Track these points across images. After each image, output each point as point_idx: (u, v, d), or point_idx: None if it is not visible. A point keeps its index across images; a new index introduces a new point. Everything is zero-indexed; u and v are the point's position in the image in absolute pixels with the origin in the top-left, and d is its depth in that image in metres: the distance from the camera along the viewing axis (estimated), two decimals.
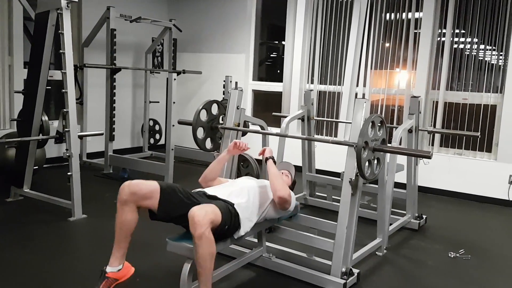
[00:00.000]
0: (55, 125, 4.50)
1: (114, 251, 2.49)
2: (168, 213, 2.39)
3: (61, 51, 3.66)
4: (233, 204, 2.44)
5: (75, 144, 3.74)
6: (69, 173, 3.73)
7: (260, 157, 2.92)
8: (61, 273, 2.82)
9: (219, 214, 2.23)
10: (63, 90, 3.69)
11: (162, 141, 6.66)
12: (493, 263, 3.32)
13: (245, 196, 2.55)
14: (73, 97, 3.75)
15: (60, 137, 3.90)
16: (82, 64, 5.59)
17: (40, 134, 4.06)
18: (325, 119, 5.86)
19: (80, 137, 3.87)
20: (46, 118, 4.08)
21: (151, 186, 2.37)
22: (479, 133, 3.90)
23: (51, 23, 3.75)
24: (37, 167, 4.44)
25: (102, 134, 4.20)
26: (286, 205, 2.62)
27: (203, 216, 2.11)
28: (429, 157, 2.62)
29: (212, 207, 2.24)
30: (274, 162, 2.80)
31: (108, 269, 2.48)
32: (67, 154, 3.71)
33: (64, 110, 3.71)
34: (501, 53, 4.88)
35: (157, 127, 6.74)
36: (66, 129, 3.72)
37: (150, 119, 6.63)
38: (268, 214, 2.67)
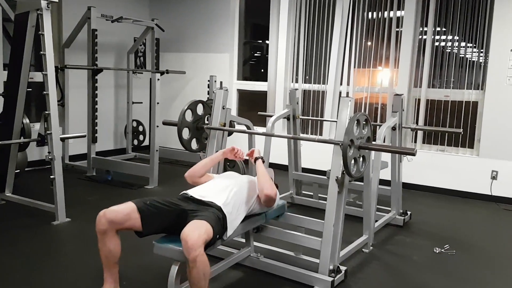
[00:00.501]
0: (36, 127, 4.42)
1: (106, 276, 2.39)
2: (155, 226, 2.37)
3: (41, 52, 3.60)
4: (220, 207, 2.43)
5: (57, 147, 3.68)
6: (51, 176, 3.68)
7: (247, 157, 2.93)
8: (46, 278, 2.78)
9: (211, 231, 2.20)
10: (44, 92, 3.63)
11: (146, 142, 6.58)
12: (478, 257, 3.38)
13: (232, 193, 2.55)
14: (55, 99, 3.70)
15: (42, 140, 3.85)
16: (63, 65, 5.51)
17: (21, 137, 4.00)
18: (310, 117, 5.88)
19: (62, 139, 3.82)
20: (27, 120, 4.02)
21: (127, 208, 2.33)
22: (461, 129, 3.96)
23: (31, 24, 3.69)
24: (18, 170, 4.37)
25: (84, 136, 4.14)
26: (271, 203, 2.65)
27: (196, 239, 2.07)
28: (413, 154, 2.65)
29: (205, 226, 2.18)
30: (263, 162, 2.81)
31: None
32: (49, 157, 3.65)
33: (46, 112, 3.66)
34: (481, 50, 4.96)
35: (140, 128, 6.68)
36: (47, 132, 3.66)
37: (133, 120, 6.57)
38: (254, 209, 2.67)
